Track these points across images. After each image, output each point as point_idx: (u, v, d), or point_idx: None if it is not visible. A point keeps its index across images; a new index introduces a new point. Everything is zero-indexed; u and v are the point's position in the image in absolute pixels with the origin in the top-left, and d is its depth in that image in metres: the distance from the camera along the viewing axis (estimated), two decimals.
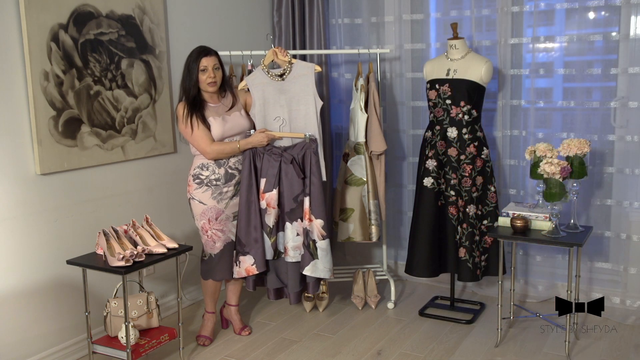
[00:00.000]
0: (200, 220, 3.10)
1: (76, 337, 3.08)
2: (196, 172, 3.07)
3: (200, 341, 3.24)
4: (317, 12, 4.10)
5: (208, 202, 3.07)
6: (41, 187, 2.87)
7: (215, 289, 3.26)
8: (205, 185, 3.06)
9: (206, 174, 3.06)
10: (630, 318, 3.38)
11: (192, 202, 3.10)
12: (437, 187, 3.45)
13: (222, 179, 3.07)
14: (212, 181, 3.06)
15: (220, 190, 3.08)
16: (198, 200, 3.07)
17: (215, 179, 3.06)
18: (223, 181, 3.08)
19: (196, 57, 2.98)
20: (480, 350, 3.10)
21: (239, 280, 3.32)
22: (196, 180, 3.07)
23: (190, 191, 3.09)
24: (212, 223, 3.10)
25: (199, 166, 3.07)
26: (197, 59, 2.97)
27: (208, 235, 3.12)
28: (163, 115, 3.47)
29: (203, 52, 2.99)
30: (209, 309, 3.30)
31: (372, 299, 3.72)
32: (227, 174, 3.08)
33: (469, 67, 3.34)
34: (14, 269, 2.79)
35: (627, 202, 3.44)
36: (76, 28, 2.95)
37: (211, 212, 3.08)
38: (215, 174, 3.06)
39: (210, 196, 3.07)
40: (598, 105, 3.49)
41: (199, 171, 3.07)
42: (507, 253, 3.54)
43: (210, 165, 3.06)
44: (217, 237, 3.12)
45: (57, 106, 2.88)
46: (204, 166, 3.06)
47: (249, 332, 3.37)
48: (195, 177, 3.07)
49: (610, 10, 3.41)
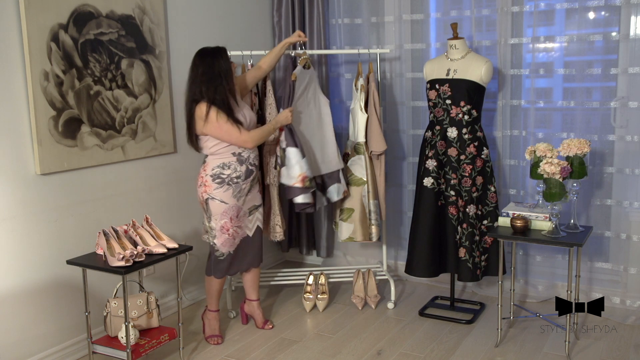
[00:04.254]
0: (221, 219, 3.09)
1: (76, 337, 3.08)
2: (216, 172, 3.04)
3: (213, 341, 3.23)
4: (317, 12, 4.10)
5: (229, 201, 3.08)
6: (41, 187, 2.87)
7: (222, 287, 3.29)
8: (227, 184, 3.05)
9: (227, 173, 3.05)
10: (630, 318, 3.38)
11: (212, 202, 3.07)
12: (437, 187, 3.45)
13: (242, 176, 3.09)
14: (233, 179, 3.06)
15: (239, 188, 3.10)
16: (219, 199, 3.06)
17: (237, 177, 3.07)
18: (243, 178, 3.09)
19: (227, 57, 3.03)
20: (480, 350, 3.10)
21: (256, 275, 3.39)
22: (216, 180, 3.04)
23: (208, 191, 3.06)
24: (234, 221, 3.12)
25: (219, 166, 3.05)
26: (228, 61, 3.02)
27: (229, 234, 3.12)
28: (163, 115, 3.47)
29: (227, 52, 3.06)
30: (213, 307, 3.30)
31: (372, 299, 3.72)
32: (247, 170, 3.10)
33: (469, 67, 3.34)
34: (14, 269, 2.79)
35: (627, 202, 3.45)
36: (76, 28, 2.95)
37: (232, 210, 3.10)
38: (237, 171, 3.07)
39: (232, 195, 3.07)
40: (598, 105, 3.49)
41: (220, 171, 3.05)
42: (507, 253, 3.54)
43: (232, 164, 3.06)
44: (237, 234, 3.15)
45: (57, 106, 2.88)
46: (225, 165, 3.05)
47: (272, 326, 3.42)
48: (216, 176, 3.04)
49: (610, 10, 3.41)
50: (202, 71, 2.97)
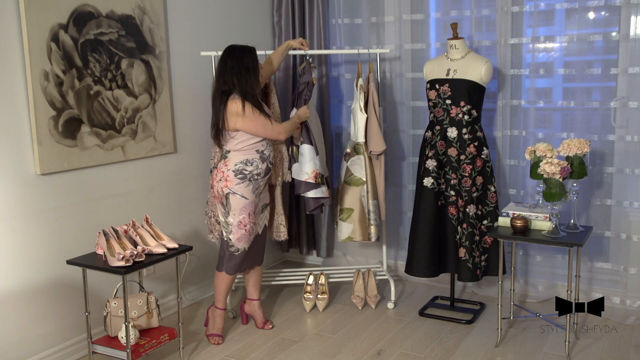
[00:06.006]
0: (240, 214, 3.11)
1: (76, 337, 3.08)
2: (239, 168, 3.07)
3: (214, 340, 3.24)
4: (317, 12, 4.10)
5: (249, 197, 3.11)
6: (41, 187, 2.87)
7: (231, 285, 3.31)
8: (248, 180, 3.09)
9: (250, 169, 3.08)
10: (630, 318, 3.38)
11: (233, 197, 3.09)
12: (437, 187, 3.45)
13: (262, 173, 3.13)
14: (254, 176, 3.10)
15: (258, 185, 3.14)
16: (240, 194, 3.09)
17: (257, 174, 3.11)
18: (262, 175, 3.13)
19: (256, 56, 3.08)
20: (480, 350, 3.10)
21: (259, 274, 3.41)
22: (239, 176, 3.07)
23: (229, 186, 3.08)
24: (252, 217, 3.15)
25: (242, 162, 3.07)
26: (257, 59, 3.08)
27: (247, 229, 3.14)
28: (163, 115, 3.47)
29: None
30: (221, 305, 3.30)
31: (372, 299, 3.72)
32: (267, 168, 3.15)
33: (469, 67, 3.34)
34: (14, 269, 2.79)
35: (627, 202, 3.45)
36: (76, 28, 2.95)
37: (252, 206, 3.14)
38: (258, 168, 3.10)
39: (252, 190, 3.11)
40: (598, 105, 3.49)
41: (242, 167, 3.07)
42: (507, 253, 3.54)
43: (255, 161, 3.09)
44: (252, 230, 3.18)
45: (57, 106, 2.88)
46: (249, 162, 3.08)
47: (272, 326, 3.43)
48: (238, 172, 3.07)
49: (610, 10, 3.41)
50: (231, 64, 3.02)
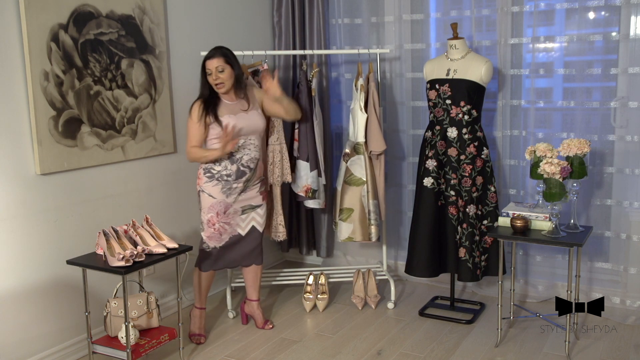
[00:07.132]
0: (208, 213, 3.14)
1: (76, 337, 3.08)
2: (207, 167, 3.12)
3: (195, 340, 3.25)
4: (317, 12, 4.10)
5: (217, 196, 3.12)
6: (41, 187, 2.87)
7: (209, 283, 3.32)
8: (216, 179, 3.10)
9: (218, 169, 3.10)
10: (630, 318, 3.38)
11: (202, 195, 3.15)
12: (437, 187, 3.45)
13: (233, 175, 3.12)
14: (222, 176, 3.11)
15: (230, 186, 3.13)
16: (208, 193, 3.13)
17: (227, 175, 3.11)
18: (234, 177, 3.12)
19: (203, 60, 3.07)
20: (480, 350, 3.10)
21: (258, 274, 3.41)
22: (207, 174, 3.11)
23: (200, 184, 3.15)
24: (220, 216, 3.15)
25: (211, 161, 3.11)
26: (203, 63, 3.07)
27: (215, 228, 3.15)
28: (163, 115, 3.47)
29: (207, 55, 3.07)
30: (200, 304, 3.32)
31: (372, 299, 3.72)
32: (238, 170, 3.13)
33: (469, 67, 3.34)
34: (14, 269, 2.79)
35: (627, 202, 3.45)
36: (76, 28, 2.95)
37: (220, 205, 3.13)
38: (227, 169, 3.10)
39: (220, 190, 3.12)
40: (598, 105, 3.49)
41: (211, 166, 3.11)
42: (507, 253, 3.54)
43: (223, 161, 3.10)
44: (223, 230, 3.18)
45: (57, 106, 2.88)
46: (217, 161, 3.10)
47: (272, 326, 3.43)
48: (207, 170, 3.12)
49: (610, 10, 3.41)
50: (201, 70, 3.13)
